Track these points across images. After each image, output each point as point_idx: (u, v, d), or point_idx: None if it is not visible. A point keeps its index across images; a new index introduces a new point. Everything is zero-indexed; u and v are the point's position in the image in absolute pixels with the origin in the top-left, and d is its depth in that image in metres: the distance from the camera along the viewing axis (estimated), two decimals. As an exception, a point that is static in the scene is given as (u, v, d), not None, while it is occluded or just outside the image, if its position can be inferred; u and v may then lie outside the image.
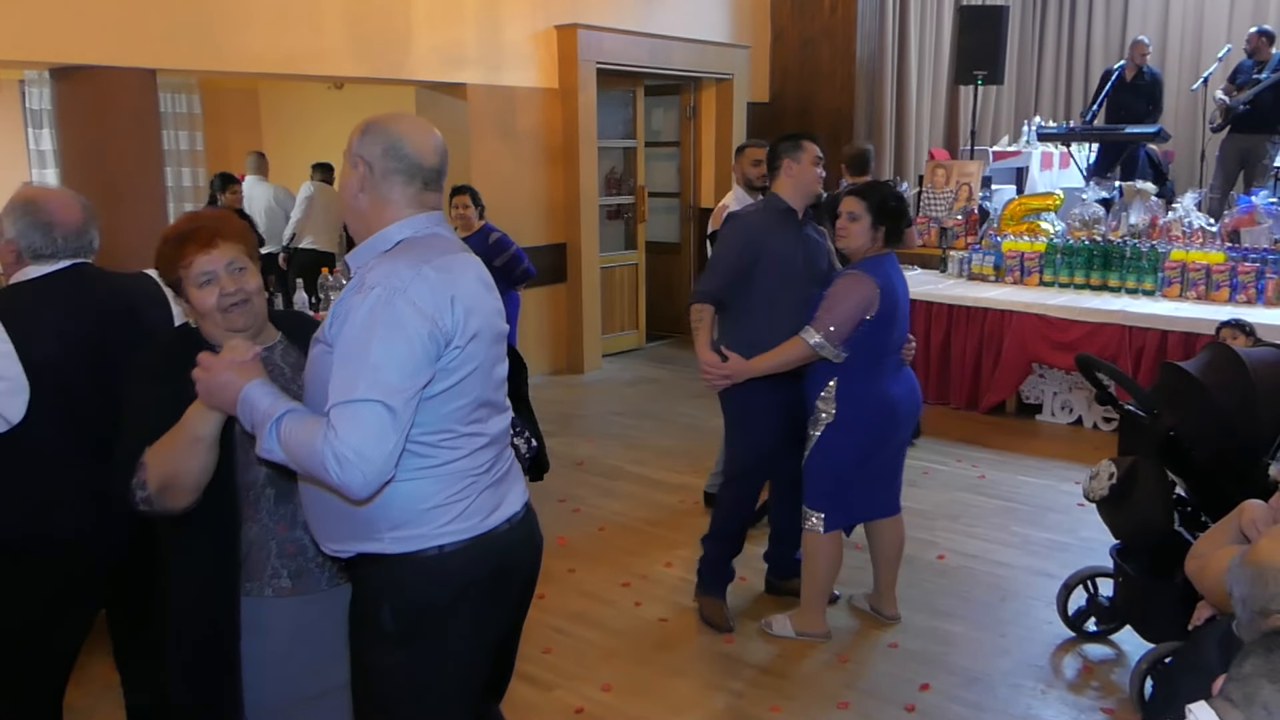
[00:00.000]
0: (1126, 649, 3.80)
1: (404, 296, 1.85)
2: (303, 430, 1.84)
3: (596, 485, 5.59)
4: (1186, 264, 6.57)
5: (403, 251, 1.94)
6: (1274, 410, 3.31)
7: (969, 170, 8.38)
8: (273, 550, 2.15)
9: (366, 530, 1.96)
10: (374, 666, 2.03)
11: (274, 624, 2.16)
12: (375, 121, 2.02)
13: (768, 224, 3.82)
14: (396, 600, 1.98)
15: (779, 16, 9.72)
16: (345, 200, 2.03)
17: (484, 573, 2.04)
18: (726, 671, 3.69)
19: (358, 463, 1.78)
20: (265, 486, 2.14)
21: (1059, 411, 6.76)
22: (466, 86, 7.27)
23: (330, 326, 1.92)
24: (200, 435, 1.99)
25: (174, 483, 2.00)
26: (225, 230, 2.15)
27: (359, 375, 1.81)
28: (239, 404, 1.91)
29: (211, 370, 1.93)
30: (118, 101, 5.62)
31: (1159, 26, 11.98)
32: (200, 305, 2.11)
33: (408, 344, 1.84)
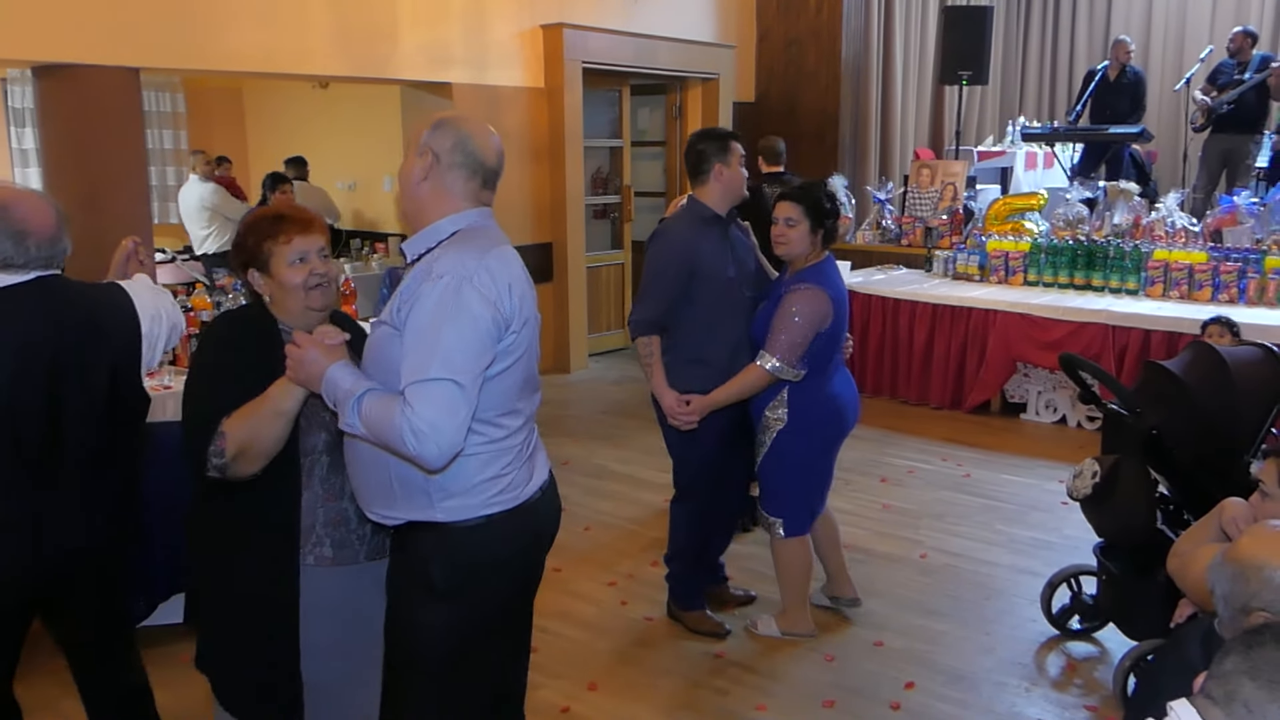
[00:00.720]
0: (1110, 647, 3.82)
1: (470, 285, 2.03)
2: (382, 406, 2.00)
3: (583, 485, 5.59)
4: (1169, 264, 6.61)
5: (462, 242, 2.12)
6: (1255, 409, 3.34)
7: (954, 170, 8.41)
8: (319, 518, 2.28)
9: (421, 499, 2.13)
10: (416, 622, 2.18)
11: (316, 596, 2.28)
12: (447, 119, 2.21)
13: (696, 235, 3.63)
14: (444, 562, 2.15)
15: (764, 16, 9.74)
16: (406, 186, 2.20)
17: (523, 538, 2.26)
18: (712, 670, 3.69)
19: (433, 435, 1.95)
20: (322, 454, 2.28)
21: (1043, 410, 6.79)
22: (452, 86, 7.25)
23: (398, 311, 2.07)
24: (284, 409, 2.16)
25: (250, 450, 2.15)
26: (316, 220, 2.36)
27: (432, 356, 1.98)
28: (324, 381, 2.07)
29: (304, 347, 2.10)
30: (101, 100, 5.59)
31: (1142, 27, 12.04)
32: (289, 280, 2.26)
33: (474, 328, 2.03)
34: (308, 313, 2.31)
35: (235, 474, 2.16)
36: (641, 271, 3.76)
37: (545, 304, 8.04)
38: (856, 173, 9.69)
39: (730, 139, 3.69)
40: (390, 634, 2.24)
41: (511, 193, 7.73)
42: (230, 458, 2.14)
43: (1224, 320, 4.67)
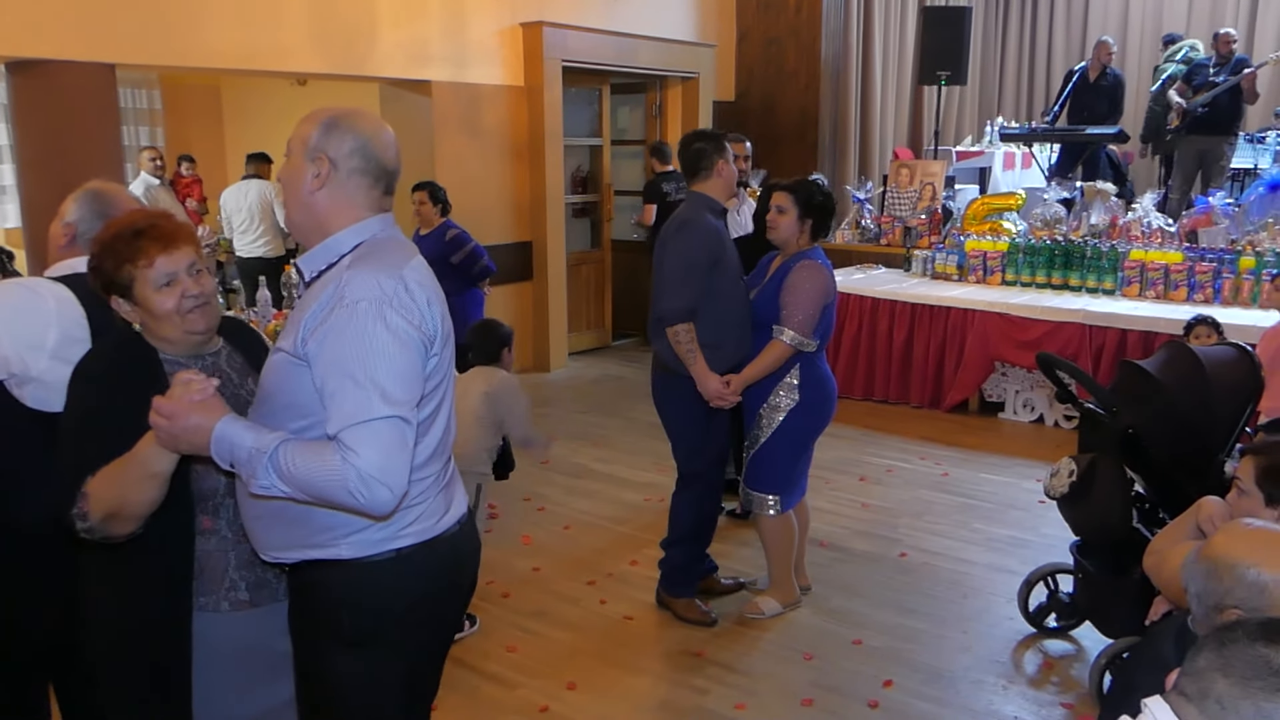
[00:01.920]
0: (1086, 644, 3.84)
1: (391, 308, 1.84)
2: (310, 457, 1.79)
3: (562, 484, 5.58)
4: (1145, 264, 6.66)
5: (369, 257, 1.90)
6: (1230, 407, 3.37)
7: (932, 170, 8.44)
8: (231, 562, 2.07)
9: (322, 536, 1.92)
10: (329, 673, 1.99)
11: (226, 640, 2.08)
12: (339, 118, 1.95)
13: (718, 230, 3.84)
14: (355, 605, 1.94)
15: (744, 16, 9.75)
16: (295, 194, 1.96)
17: (438, 574, 2.04)
18: (692, 669, 3.69)
19: (384, 480, 1.77)
20: (225, 496, 2.06)
21: (1021, 410, 6.83)
22: (431, 84, 7.23)
23: (302, 340, 1.85)
24: (155, 471, 1.90)
25: (121, 513, 1.92)
26: (183, 230, 2.08)
27: (369, 393, 1.79)
28: (213, 444, 1.83)
29: (176, 417, 1.83)
30: (76, 96, 5.54)
31: (1119, 28, 12.13)
32: (160, 307, 2.00)
33: (406, 355, 1.84)
34: (190, 338, 2.06)
35: (109, 535, 1.93)
36: (663, 263, 3.79)
37: (525, 303, 8.06)
38: (836, 172, 9.72)
39: (724, 138, 3.91)
40: (301, 687, 2.06)
41: (491, 191, 7.71)
42: (98, 520, 1.91)
43: (1209, 320, 4.71)
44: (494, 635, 3.91)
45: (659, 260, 3.83)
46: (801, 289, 3.75)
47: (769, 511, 3.92)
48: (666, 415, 3.97)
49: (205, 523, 2.06)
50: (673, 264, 3.73)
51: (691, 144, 3.88)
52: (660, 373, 3.93)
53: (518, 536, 4.85)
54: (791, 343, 3.74)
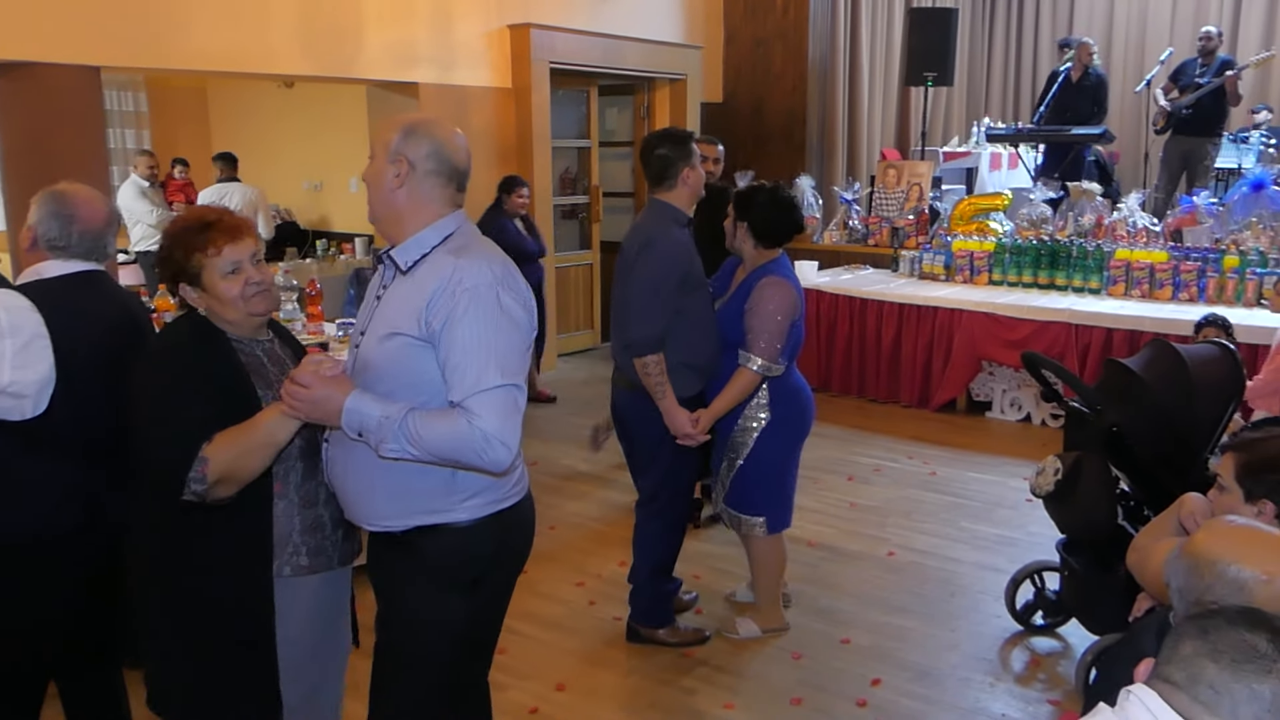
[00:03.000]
0: (1073, 641, 3.86)
1: (505, 291, 2.11)
2: (437, 423, 2.03)
3: (551, 485, 5.58)
4: (1131, 263, 6.69)
5: (469, 248, 2.15)
6: (1213, 406, 3.39)
7: (920, 171, 8.47)
8: (296, 526, 2.26)
9: (442, 502, 2.16)
10: (433, 621, 2.22)
11: (294, 606, 2.26)
12: (416, 125, 2.19)
13: (683, 241, 3.58)
14: (465, 559, 2.20)
15: (731, 17, 9.77)
16: (378, 192, 2.19)
17: (528, 526, 2.38)
18: (680, 669, 3.70)
19: (504, 441, 2.03)
20: (297, 460, 2.25)
21: (1008, 409, 6.86)
22: (418, 86, 7.22)
23: (425, 323, 2.07)
24: (278, 441, 2.13)
25: (233, 477, 2.10)
26: (246, 224, 2.30)
27: (489, 365, 2.04)
28: (345, 415, 2.05)
29: (314, 386, 2.05)
30: (61, 99, 5.52)
31: (1103, 29, 12.19)
32: (226, 293, 2.20)
33: (517, 332, 2.12)
34: (251, 319, 2.27)
35: (214, 498, 2.12)
36: (626, 281, 3.55)
37: (513, 304, 8.01)
38: (824, 173, 9.74)
39: (690, 140, 3.61)
40: (397, 634, 2.27)
41: (479, 193, 7.70)
42: (211, 483, 2.09)
43: (1219, 321, 4.68)
44: (483, 637, 3.91)
45: (622, 279, 3.60)
46: (765, 311, 3.53)
47: (756, 532, 3.80)
48: (637, 435, 3.70)
49: (275, 487, 2.23)
50: (640, 288, 3.47)
51: (654, 149, 3.57)
52: (627, 390, 3.65)
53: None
54: (760, 370, 3.54)
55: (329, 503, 2.31)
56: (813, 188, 8.61)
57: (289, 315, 4.75)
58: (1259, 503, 2.11)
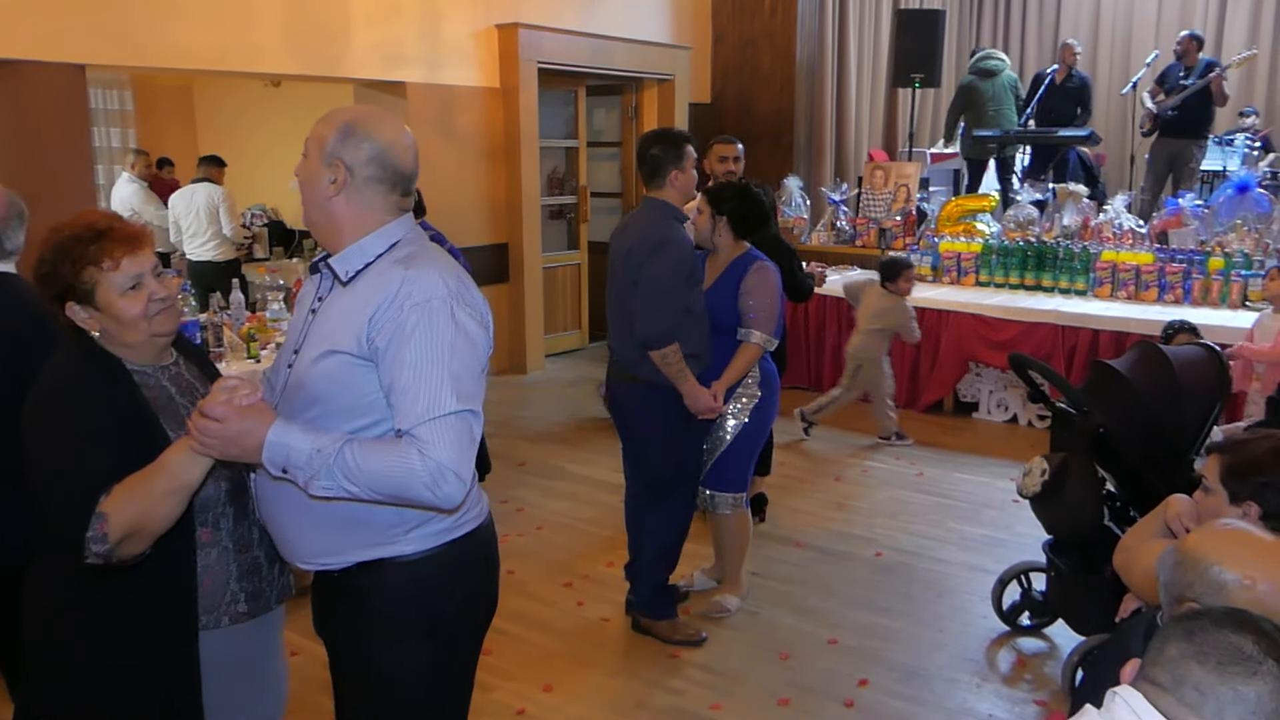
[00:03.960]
0: (1059, 642, 3.88)
1: (459, 304, 1.89)
2: (381, 455, 1.79)
3: (538, 485, 5.57)
4: (1117, 264, 6.72)
5: (418, 257, 1.93)
6: (1198, 407, 3.41)
7: (907, 172, 8.50)
8: (234, 573, 2.05)
9: (385, 535, 1.94)
10: (393, 667, 1.99)
11: (228, 655, 2.06)
12: (356, 123, 1.95)
13: (689, 242, 3.74)
14: (420, 598, 1.97)
15: (719, 18, 9.77)
16: (313, 197, 1.96)
17: (487, 557, 2.12)
18: (668, 670, 3.70)
19: (459, 473, 1.80)
20: (226, 505, 2.03)
21: (995, 410, 6.87)
22: (406, 85, 7.20)
23: (367, 339, 1.85)
24: (188, 482, 1.86)
25: (140, 531, 1.85)
26: (144, 231, 2.03)
27: (441, 388, 1.82)
28: (266, 449, 1.79)
29: (226, 420, 1.78)
30: (45, 97, 5.48)
31: (1089, 31, 12.23)
32: (125, 313, 1.94)
33: (474, 351, 1.91)
34: (153, 341, 2.01)
35: (123, 556, 1.85)
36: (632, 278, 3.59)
37: (501, 305, 8.04)
38: (812, 174, 9.75)
39: (684, 142, 3.71)
40: (360, 691, 2.04)
41: (467, 193, 7.69)
42: (115, 542, 1.82)
43: (1188, 327, 4.88)
44: (470, 638, 3.90)
45: (619, 276, 3.66)
46: (762, 291, 3.80)
47: (729, 510, 3.97)
48: (644, 429, 3.77)
49: (204, 535, 2.00)
50: (655, 286, 3.56)
51: (648, 148, 3.69)
52: (629, 385, 3.74)
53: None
54: (762, 344, 3.81)
55: (263, 542, 2.09)
56: (800, 188, 8.62)
57: (275, 315, 4.73)
58: (1244, 504, 2.12)
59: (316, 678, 3.30)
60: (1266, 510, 2.09)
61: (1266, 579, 1.60)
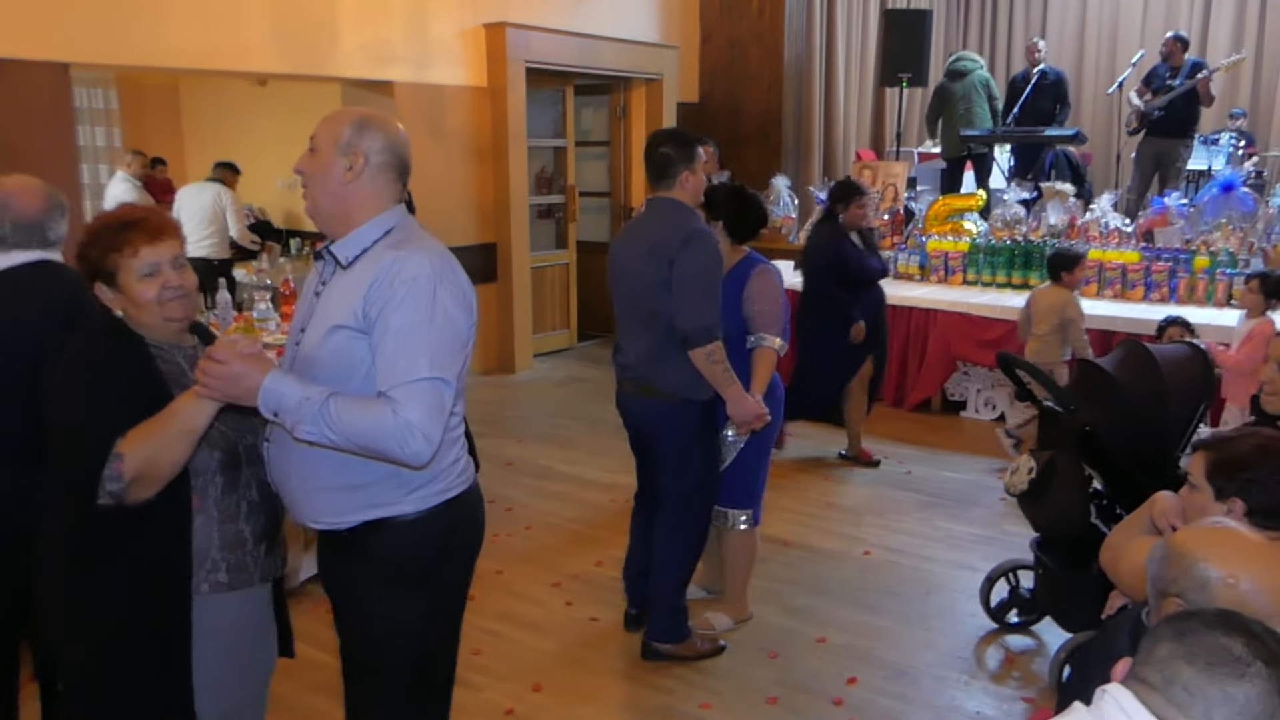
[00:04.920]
0: (1047, 639, 3.89)
1: (443, 286, 2.08)
2: (359, 410, 1.98)
3: (527, 485, 5.57)
4: (1103, 263, 6.75)
5: (411, 241, 2.14)
6: (1184, 405, 3.42)
7: (895, 171, 8.52)
8: (215, 542, 2.18)
9: (387, 495, 2.13)
10: (390, 619, 2.20)
11: (212, 623, 2.18)
12: (368, 119, 2.17)
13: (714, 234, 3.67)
14: (417, 553, 2.18)
15: (707, 17, 9.78)
16: (327, 186, 2.15)
17: (475, 516, 2.35)
18: (657, 669, 3.69)
19: (426, 435, 1.99)
20: (216, 474, 2.17)
21: (982, 408, 6.90)
22: (394, 84, 7.19)
23: (363, 314, 2.05)
24: (195, 427, 2.04)
25: (151, 473, 2.02)
26: (168, 225, 2.21)
27: (420, 356, 2.02)
28: (261, 393, 1.98)
29: (230, 363, 1.98)
30: (29, 96, 5.45)
31: (1075, 31, 12.28)
32: (141, 296, 2.13)
33: (453, 328, 2.09)
34: (167, 325, 2.19)
35: (132, 499, 2.02)
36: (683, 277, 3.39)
37: (489, 304, 8.02)
38: (799, 173, 9.76)
39: (696, 143, 3.56)
40: (356, 638, 2.25)
41: (455, 192, 7.68)
42: (128, 481, 2.00)
43: (1180, 321, 4.88)
44: (458, 638, 3.89)
45: (654, 278, 3.42)
46: (769, 295, 3.73)
47: (740, 527, 3.85)
48: (671, 446, 3.57)
49: (195, 501, 2.14)
50: (693, 279, 3.37)
51: (658, 146, 3.53)
52: (645, 399, 3.55)
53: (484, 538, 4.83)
54: (779, 349, 3.71)
55: (250, 517, 2.23)
56: (788, 188, 8.63)
57: (263, 315, 4.72)
58: (1229, 501, 2.13)
59: (307, 678, 3.30)
60: (1251, 506, 2.10)
61: (1250, 578, 1.60)
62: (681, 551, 3.69)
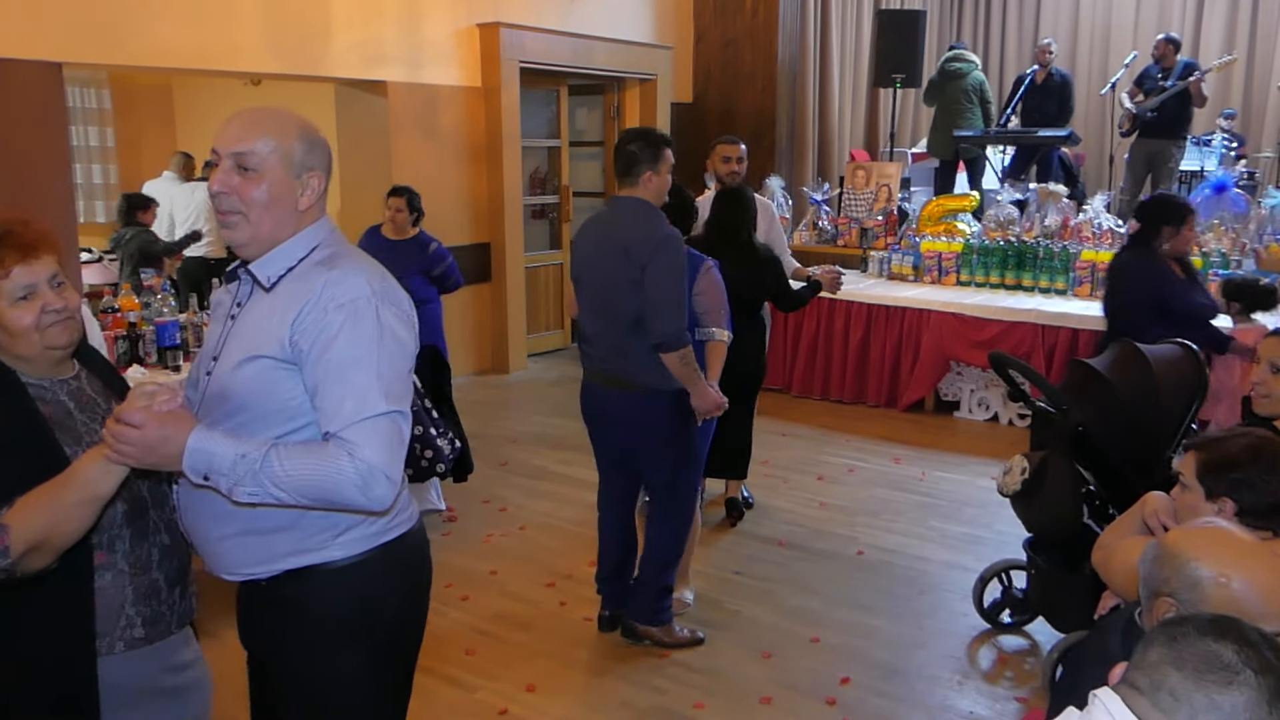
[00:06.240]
0: (1040, 639, 3.90)
1: (385, 304, 1.88)
2: (308, 458, 1.76)
3: (521, 485, 5.57)
4: (1096, 264, 6.76)
5: (342, 258, 1.92)
6: (1176, 405, 3.43)
7: (888, 172, 8.53)
8: (128, 597, 1.94)
9: (313, 540, 1.91)
10: (329, 675, 1.96)
11: (124, 681, 1.96)
12: (311, 130, 1.96)
13: None
14: (354, 603, 1.95)
15: (701, 17, 9.78)
16: (280, 215, 1.90)
17: (420, 562, 2.10)
18: (651, 669, 3.70)
19: (389, 475, 1.79)
20: (123, 527, 1.94)
21: (976, 408, 6.91)
22: (387, 84, 7.18)
23: (291, 343, 1.83)
24: (100, 494, 1.78)
25: (46, 544, 1.76)
26: (46, 237, 1.92)
27: (370, 389, 1.80)
28: (188, 456, 1.73)
29: (145, 427, 1.70)
30: (21, 96, 5.43)
31: (1069, 32, 12.31)
32: (15, 323, 1.85)
33: (401, 352, 1.88)
34: (50, 354, 1.91)
35: (25, 570, 1.77)
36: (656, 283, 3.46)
37: (483, 305, 8.03)
38: (793, 173, 9.77)
39: (664, 145, 3.59)
40: (297, 699, 2.00)
41: (449, 193, 7.68)
42: (16, 556, 1.74)
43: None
44: (452, 638, 3.89)
45: (624, 277, 3.49)
46: (714, 291, 3.89)
47: None
48: (652, 436, 3.66)
49: (100, 557, 1.90)
50: (668, 285, 3.47)
51: (626, 144, 3.57)
52: (624, 392, 3.61)
53: (477, 539, 4.84)
54: (728, 341, 3.93)
55: (163, 564, 2.00)
56: (782, 188, 8.63)
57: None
58: (1219, 500, 2.13)
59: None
60: (1242, 506, 2.11)
61: (1241, 577, 1.61)
62: (672, 528, 3.79)
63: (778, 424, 6.36)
